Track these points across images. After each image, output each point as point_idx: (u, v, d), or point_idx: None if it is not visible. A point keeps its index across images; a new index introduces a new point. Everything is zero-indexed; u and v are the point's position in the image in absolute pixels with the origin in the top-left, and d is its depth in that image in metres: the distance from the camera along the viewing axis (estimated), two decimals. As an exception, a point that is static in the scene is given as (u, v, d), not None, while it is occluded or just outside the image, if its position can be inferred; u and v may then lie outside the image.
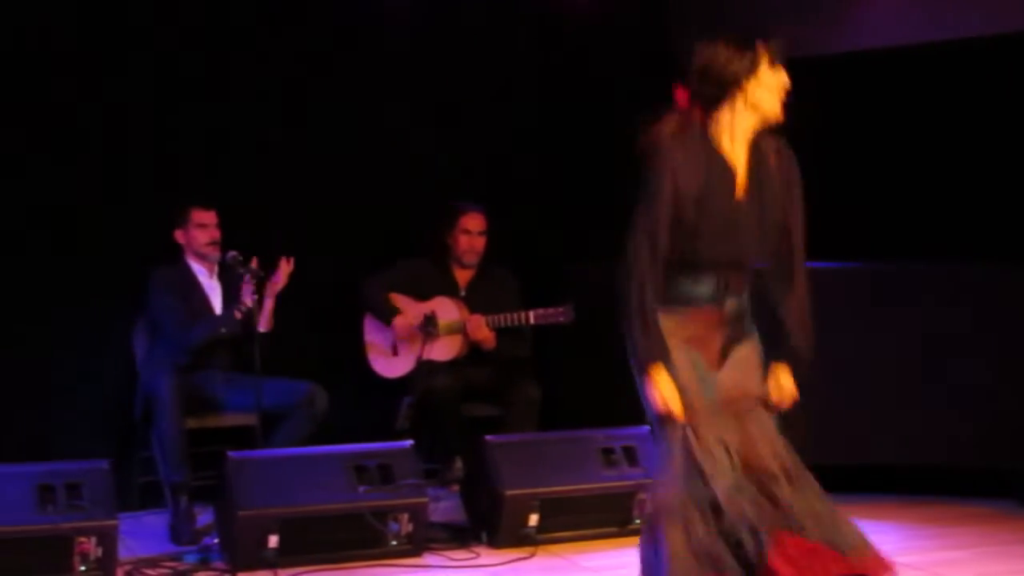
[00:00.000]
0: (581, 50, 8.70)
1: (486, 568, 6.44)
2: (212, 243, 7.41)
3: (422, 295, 7.76)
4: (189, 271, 7.47)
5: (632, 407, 7.67)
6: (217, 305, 7.46)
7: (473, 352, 7.74)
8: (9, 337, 7.50)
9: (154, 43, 7.78)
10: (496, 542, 6.69)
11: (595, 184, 8.72)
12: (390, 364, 7.75)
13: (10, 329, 7.50)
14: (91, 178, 7.65)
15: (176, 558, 6.50)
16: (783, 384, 4.96)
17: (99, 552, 6.00)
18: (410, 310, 7.72)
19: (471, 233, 7.90)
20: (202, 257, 7.45)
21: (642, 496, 6.90)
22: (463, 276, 7.97)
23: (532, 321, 7.53)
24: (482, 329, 7.63)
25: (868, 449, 7.72)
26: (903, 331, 7.71)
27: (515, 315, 7.55)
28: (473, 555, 6.60)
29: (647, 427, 6.98)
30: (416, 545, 6.53)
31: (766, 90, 4.66)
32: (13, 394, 7.52)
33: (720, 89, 4.66)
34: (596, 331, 7.89)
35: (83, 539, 5.97)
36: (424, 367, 7.51)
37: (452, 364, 7.72)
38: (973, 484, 7.67)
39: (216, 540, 6.55)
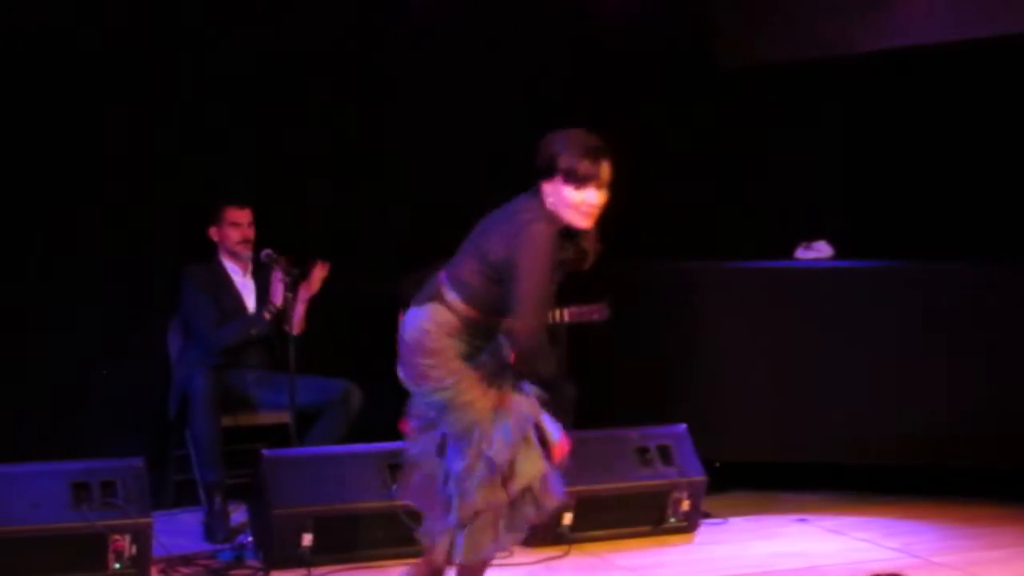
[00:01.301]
0: (613, 49, 8.68)
1: (520, 567, 6.43)
2: (244, 241, 7.42)
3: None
4: (222, 269, 7.47)
5: (667, 406, 7.72)
6: (250, 303, 7.46)
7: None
8: (45, 336, 7.53)
9: (192, 41, 7.80)
10: (530, 540, 6.65)
11: (629, 183, 8.71)
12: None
13: (46, 328, 7.53)
14: (125, 176, 7.66)
15: (210, 556, 6.52)
16: None
17: (133, 550, 6.02)
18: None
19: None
20: (234, 255, 7.46)
21: (677, 495, 6.90)
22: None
23: (567, 319, 7.48)
24: None
25: (903, 450, 7.68)
26: (936, 330, 7.67)
27: (551, 312, 7.51)
28: (507, 553, 6.55)
29: (683, 426, 7.02)
30: (449, 544, 6.52)
31: (558, 198, 5.13)
32: (49, 392, 7.54)
33: (547, 173, 5.17)
34: (632, 329, 7.90)
35: (118, 537, 5.98)
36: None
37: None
38: (1010, 485, 7.62)
39: (250, 538, 6.57)
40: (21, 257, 7.48)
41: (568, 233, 5.18)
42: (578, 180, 5.06)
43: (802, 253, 8.13)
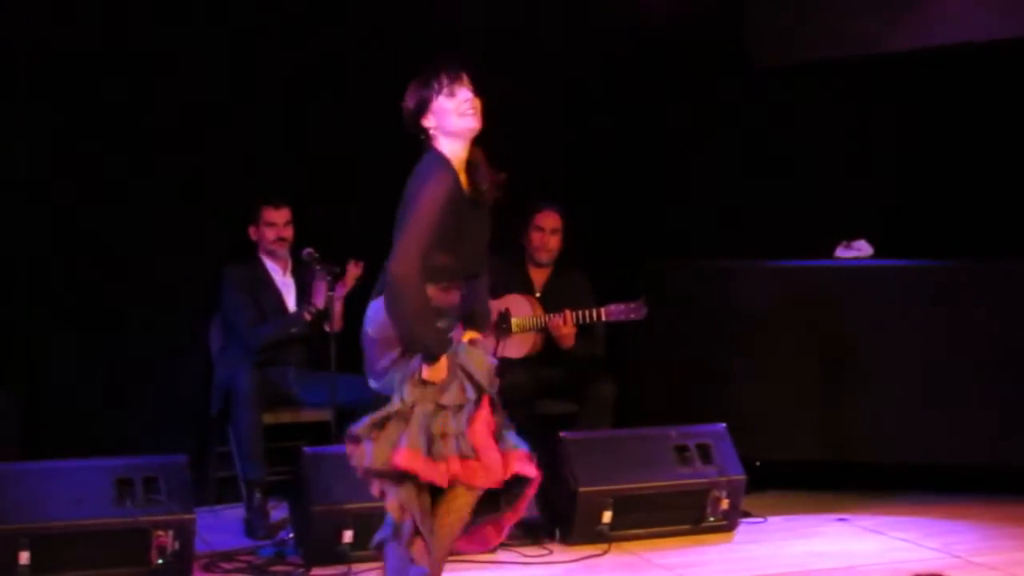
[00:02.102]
0: (656, 47, 8.68)
1: (559, 565, 6.45)
2: (279, 240, 7.46)
3: (496, 293, 7.76)
4: (262, 268, 7.52)
5: (706, 405, 7.72)
6: (290, 302, 7.50)
7: (547, 349, 7.72)
8: (90, 334, 7.59)
9: (233, 42, 7.84)
10: (569, 539, 6.70)
11: (670, 181, 8.73)
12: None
13: (91, 326, 7.58)
14: (168, 176, 7.71)
15: (251, 552, 6.56)
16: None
17: (176, 546, 6.06)
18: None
19: (544, 231, 7.87)
20: (272, 254, 7.50)
21: (716, 494, 6.90)
22: (539, 276, 7.95)
23: (605, 317, 7.49)
24: (568, 324, 7.58)
25: (943, 449, 7.66)
26: (979, 330, 7.65)
27: (588, 311, 7.52)
28: (546, 552, 6.61)
29: (722, 425, 7.02)
30: (489, 541, 6.55)
31: (445, 116, 5.05)
32: (93, 390, 7.60)
33: (416, 125, 5.08)
34: (670, 328, 7.91)
35: (160, 532, 6.02)
36: (498, 364, 7.50)
37: (526, 361, 7.71)
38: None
39: (291, 535, 6.60)
40: (65, 256, 7.54)
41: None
42: (448, 86, 5.03)
43: (842, 252, 8.11)
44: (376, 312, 5.05)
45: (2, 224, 7.41)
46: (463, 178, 5.06)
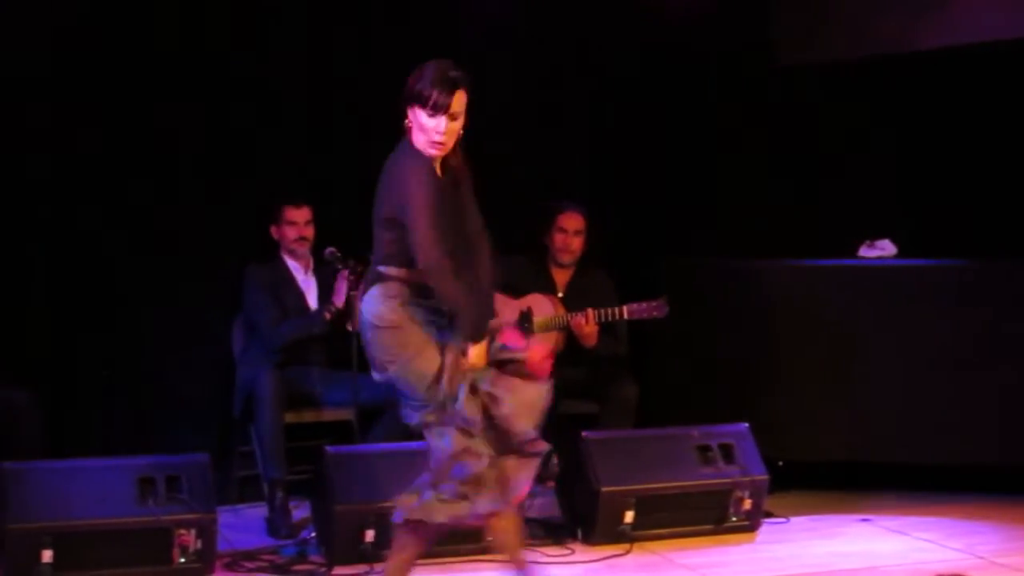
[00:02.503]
0: (680, 44, 8.67)
1: (581, 565, 6.44)
2: (300, 239, 7.47)
3: (518, 292, 7.76)
4: (284, 267, 7.52)
5: (729, 405, 7.71)
6: (312, 301, 7.50)
7: (569, 349, 7.71)
8: (111, 334, 7.61)
9: (256, 42, 7.85)
10: (591, 539, 6.70)
11: (692, 180, 8.72)
12: (486, 361, 7.74)
13: (112, 326, 7.60)
14: (191, 175, 7.73)
15: (274, 551, 6.57)
16: None
17: (198, 544, 6.07)
18: (505, 307, 7.71)
19: (567, 232, 7.86)
20: (293, 253, 7.51)
21: (739, 494, 6.89)
22: (561, 276, 7.94)
23: (627, 316, 7.48)
24: (590, 323, 7.57)
25: (967, 449, 7.64)
26: (1005, 330, 7.63)
27: (610, 310, 7.51)
28: (568, 551, 6.61)
29: (744, 424, 7.01)
30: (512, 541, 6.54)
31: (417, 127, 5.18)
32: (116, 389, 7.62)
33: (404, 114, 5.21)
34: (693, 327, 7.90)
35: (183, 531, 6.04)
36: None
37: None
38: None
39: (313, 534, 6.61)
40: (87, 257, 7.56)
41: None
42: (430, 107, 5.10)
43: (866, 251, 8.09)
44: (371, 301, 5.19)
45: (22, 223, 7.43)
46: (438, 169, 5.22)
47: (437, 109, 5.11)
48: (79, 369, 7.57)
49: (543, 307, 7.68)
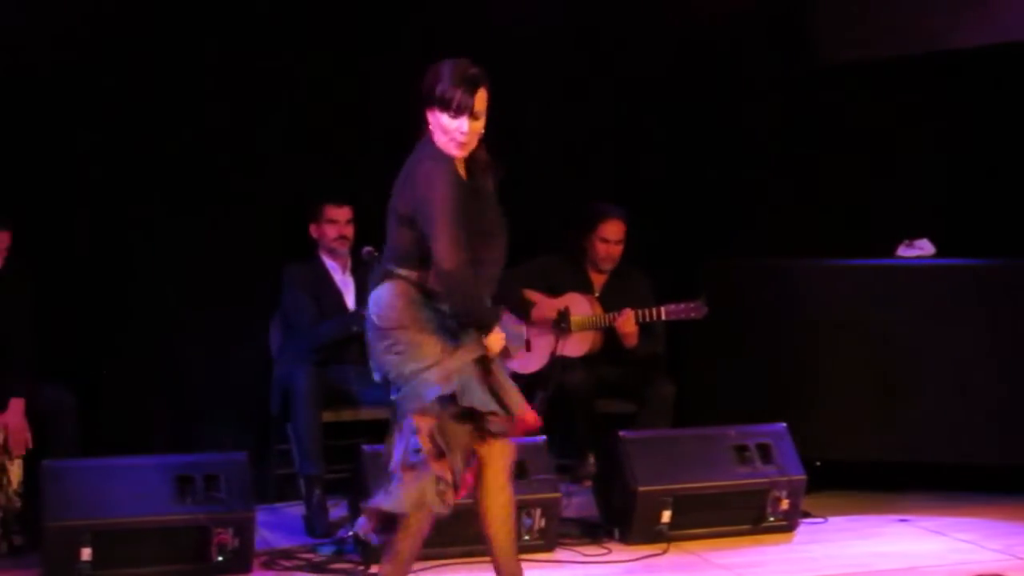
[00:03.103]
0: (717, 44, 8.66)
1: (618, 564, 6.44)
2: (340, 238, 7.47)
3: (555, 291, 7.76)
4: (322, 266, 7.53)
5: (767, 404, 7.69)
6: (350, 300, 7.51)
7: (607, 348, 7.71)
8: (150, 333, 7.64)
9: (295, 42, 7.87)
10: (628, 538, 6.69)
11: (730, 180, 8.70)
12: (524, 360, 7.75)
13: (151, 325, 7.64)
14: (230, 173, 7.75)
15: (311, 550, 6.57)
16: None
17: (236, 543, 6.10)
18: (543, 305, 7.72)
19: (609, 242, 7.84)
20: (333, 252, 7.52)
21: (776, 494, 6.87)
22: (599, 277, 7.94)
23: (665, 316, 7.48)
24: (630, 322, 7.56)
25: (1006, 450, 7.62)
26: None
27: (648, 310, 7.51)
28: (605, 551, 6.60)
29: (782, 424, 6.99)
30: (548, 540, 6.55)
31: (438, 128, 5.13)
32: (154, 388, 7.66)
33: (421, 109, 5.16)
34: (731, 327, 7.89)
35: (220, 530, 6.06)
36: (558, 363, 7.50)
37: (586, 360, 7.70)
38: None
39: (350, 532, 6.61)
40: (126, 256, 7.59)
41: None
42: (452, 108, 5.07)
43: (904, 251, 8.07)
44: (379, 300, 5.21)
45: (60, 222, 7.46)
46: (460, 167, 5.18)
47: (460, 110, 5.08)
48: (118, 368, 7.60)
49: (581, 306, 7.68)
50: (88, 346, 7.52)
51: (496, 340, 5.17)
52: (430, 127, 5.15)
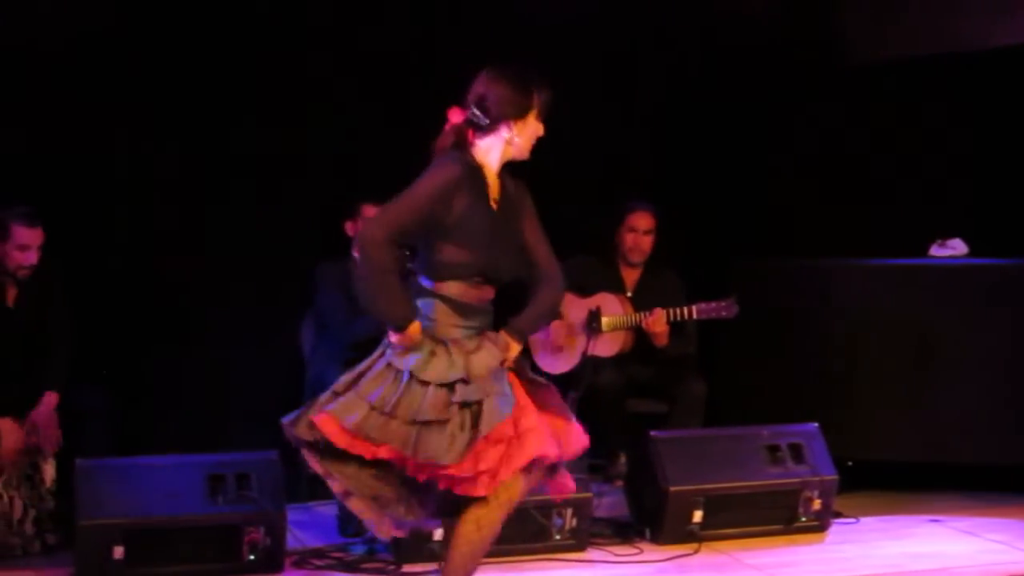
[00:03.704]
0: (749, 43, 8.65)
1: (649, 564, 6.44)
2: (375, 238, 7.48)
3: (586, 291, 7.76)
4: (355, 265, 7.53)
5: (799, 404, 7.68)
6: (383, 299, 7.51)
7: (639, 348, 7.71)
8: (181, 332, 7.67)
9: (334, 43, 7.89)
10: (660, 538, 6.68)
11: (761, 180, 8.69)
12: (555, 360, 7.76)
13: (182, 324, 7.66)
14: (262, 173, 7.77)
15: (343, 549, 6.57)
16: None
17: (267, 542, 6.11)
18: (574, 306, 7.71)
19: (637, 231, 7.86)
20: (366, 251, 7.52)
21: (808, 494, 6.86)
22: (630, 276, 7.95)
23: (696, 315, 7.47)
24: (661, 322, 7.56)
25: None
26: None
27: (678, 310, 7.50)
28: (636, 551, 6.60)
29: (814, 424, 6.97)
30: (580, 540, 6.55)
31: (525, 135, 5.05)
32: (186, 386, 7.68)
33: (491, 121, 5.01)
34: (762, 327, 7.87)
35: (252, 528, 6.08)
36: (589, 363, 7.50)
37: (618, 360, 7.70)
38: None
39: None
40: (158, 255, 7.62)
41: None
42: (544, 110, 5.07)
43: (937, 251, 8.04)
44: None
45: (94, 224, 7.49)
46: (494, 184, 5.10)
47: (542, 113, 5.08)
48: (150, 367, 7.62)
49: (612, 306, 7.68)
50: (121, 347, 7.54)
51: (402, 338, 4.96)
52: (480, 131, 5.04)
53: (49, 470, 6.58)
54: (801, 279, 8.11)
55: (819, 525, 6.94)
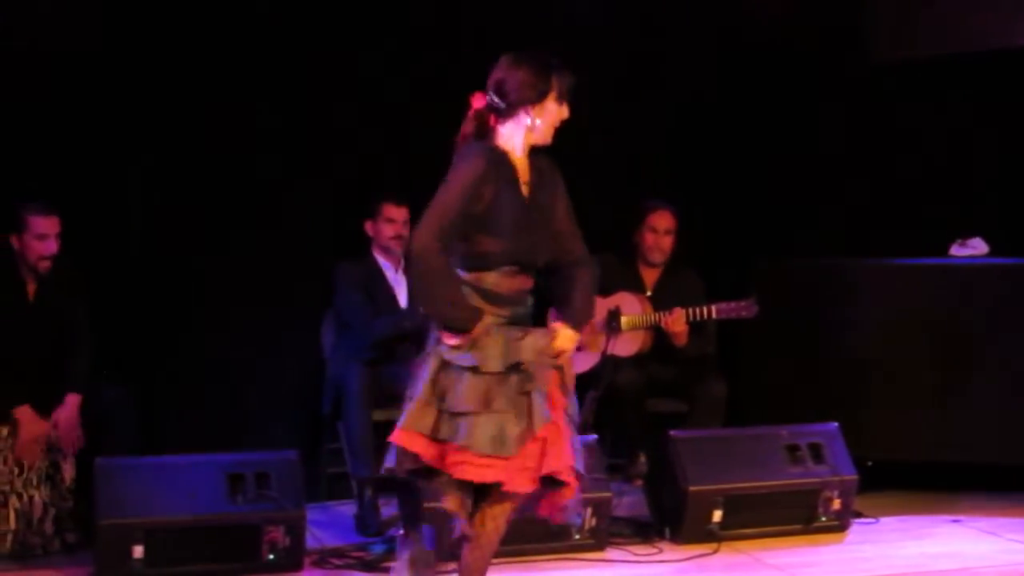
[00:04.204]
0: (770, 42, 8.63)
1: (669, 563, 6.43)
2: (397, 237, 7.48)
3: (607, 291, 7.75)
4: (375, 264, 7.54)
5: (818, 404, 7.66)
6: (402, 299, 7.52)
7: (658, 347, 7.70)
8: (203, 331, 7.68)
9: (351, 40, 7.90)
10: (679, 538, 6.68)
11: (782, 179, 8.67)
12: (575, 359, 7.73)
13: (204, 323, 7.67)
14: (283, 173, 7.78)
15: (362, 548, 6.58)
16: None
17: (287, 541, 6.13)
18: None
19: (658, 232, 7.85)
20: (387, 251, 7.53)
21: (828, 494, 6.85)
22: (650, 275, 7.93)
23: (715, 315, 7.45)
24: (680, 321, 7.54)
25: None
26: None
27: (698, 309, 7.49)
28: (656, 550, 6.60)
29: (834, 424, 6.96)
30: (599, 540, 6.55)
31: (546, 120, 5.07)
32: (207, 386, 7.69)
33: (509, 106, 5.03)
34: (782, 326, 7.86)
35: (271, 528, 6.09)
36: (609, 362, 7.49)
37: (637, 359, 7.69)
38: None
39: (401, 532, 6.62)
40: (179, 256, 7.62)
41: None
42: (561, 97, 5.08)
43: (957, 250, 8.02)
44: None
45: (114, 224, 7.51)
46: (523, 169, 5.10)
47: (564, 97, 5.09)
48: (171, 366, 7.64)
49: (631, 306, 7.67)
50: (142, 346, 7.55)
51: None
52: (501, 115, 5.07)
53: (69, 469, 6.60)
54: (821, 279, 8.10)
55: (839, 525, 6.93)
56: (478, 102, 5.10)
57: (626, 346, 7.67)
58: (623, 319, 7.59)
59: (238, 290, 7.70)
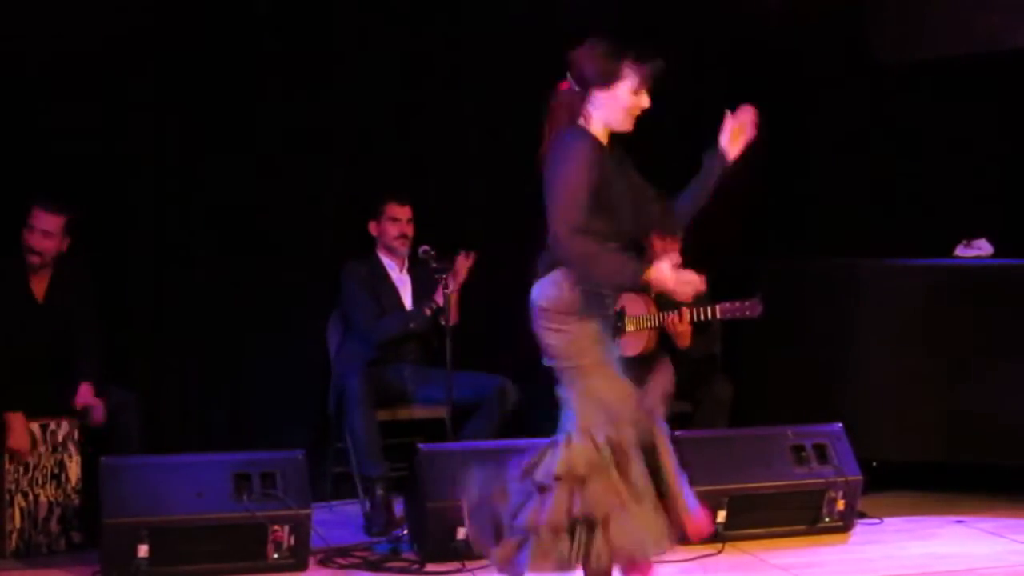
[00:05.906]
0: (776, 42, 8.63)
1: (673, 563, 6.41)
2: (401, 237, 7.49)
3: (612, 290, 7.74)
4: (380, 264, 7.56)
5: (823, 404, 7.66)
6: (407, 298, 7.53)
7: (662, 348, 7.70)
8: (209, 331, 7.69)
9: (367, 43, 7.92)
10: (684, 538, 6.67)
11: (787, 180, 8.67)
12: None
13: (210, 324, 7.68)
14: (288, 173, 7.79)
15: (367, 548, 6.60)
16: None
17: (292, 541, 6.13)
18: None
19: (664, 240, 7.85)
20: (391, 250, 7.54)
21: (833, 494, 6.85)
22: (655, 274, 7.93)
23: (719, 315, 7.44)
24: (684, 322, 7.54)
25: None
26: None
27: (702, 309, 7.48)
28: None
29: (839, 424, 6.96)
30: (603, 539, 6.54)
31: (617, 106, 5.11)
32: (213, 386, 7.71)
33: (582, 89, 5.08)
34: (787, 327, 7.86)
35: (277, 527, 6.10)
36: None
37: (641, 360, 7.69)
38: None
39: (406, 531, 6.64)
40: (185, 256, 7.64)
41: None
42: (644, 84, 5.16)
43: (962, 251, 8.02)
44: (546, 285, 5.11)
45: (120, 223, 7.52)
46: (608, 151, 5.12)
47: (645, 84, 5.17)
48: (177, 366, 7.65)
49: (636, 306, 7.67)
50: (148, 346, 7.57)
51: (658, 278, 5.04)
52: (591, 101, 5.09)
53: (75, 468, 6.61)
54: (826, 279, 8.10)
55: (843, 526, 6.93)
56: (565, 87, 5.12)
57: (631, 346, 7.66)
58: (628, 319, 7.60)
59: (245, 290, 7.71)
